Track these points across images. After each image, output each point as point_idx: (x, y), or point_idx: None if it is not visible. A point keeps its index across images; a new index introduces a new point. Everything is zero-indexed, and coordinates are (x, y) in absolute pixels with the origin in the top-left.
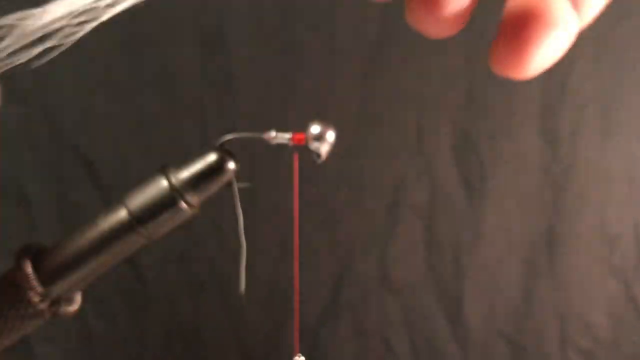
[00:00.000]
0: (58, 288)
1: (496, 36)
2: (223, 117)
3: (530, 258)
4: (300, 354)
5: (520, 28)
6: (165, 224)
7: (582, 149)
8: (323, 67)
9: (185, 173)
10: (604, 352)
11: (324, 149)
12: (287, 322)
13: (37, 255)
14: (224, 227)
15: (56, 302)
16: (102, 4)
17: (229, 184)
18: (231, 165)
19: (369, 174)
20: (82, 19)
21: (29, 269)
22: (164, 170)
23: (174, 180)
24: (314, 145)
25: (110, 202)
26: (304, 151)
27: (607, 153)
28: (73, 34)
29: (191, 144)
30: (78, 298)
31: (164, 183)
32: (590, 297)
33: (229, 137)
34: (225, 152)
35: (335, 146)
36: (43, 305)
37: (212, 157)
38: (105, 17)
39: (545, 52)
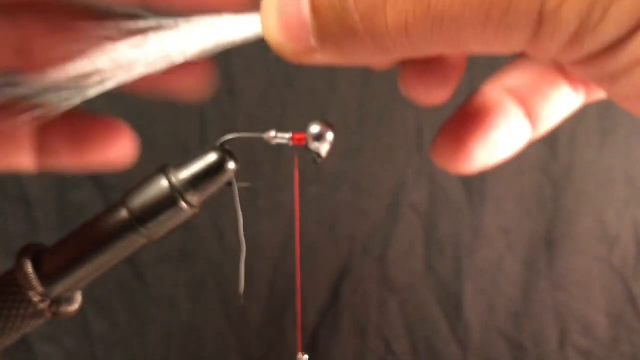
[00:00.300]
0: (58, 288)
1: (442, 128)
2: (223, 117)
3: (530, 258)
4: (303, 352)
5: (464, 127)
6: (165, 223)
7: (581, 149)
8: (323, 67)
9: (186, 173)
10: (603, 351)
11: (324, 149)
12: (287, 322)
13: (38, 255)
14: (224, 227)
15: (56, 301)
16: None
17: (229, 184)
18: (231, 165)
19: (369, 174)
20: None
21: (29, 268)
22: (164, 170)
23: (174, 180)
24: (314, 145)
25: (111, 202)
26: (304, 151)
27: (606, 153)
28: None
29: (191, 144)
30: (78, 298)
31: (164, 183)
32: (589, 297)
33: (229, 137)
34: (226, 152)
35: (335, 146)
36: (43, 305)
37: (212, 157)
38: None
39: (487, 154)
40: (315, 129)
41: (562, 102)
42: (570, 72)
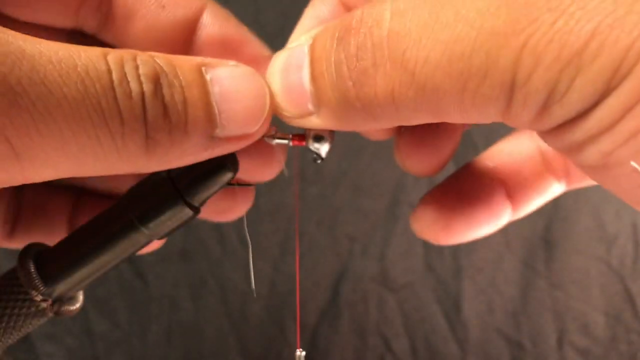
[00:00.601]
0: (60, 287)
1: (425, 199)
2: None
3: (529, 257)
4: (301, 349)
5: (447, 201)
6: (167, 223)
7: None
8: None
9: (186, 173)
10: (601, 350)
11: (324, 149)
12: (287, 322)
13: (40, 254)
14: (224, 227)
15: (58, 301)
16: None
17: (230, 184)
18: (232, 165)
19: (368, 174)
20: None
21: (31, 268)
22: (165, 170)
23: (175, 179)
24: (314, 146)
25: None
26: (304, 151)
27: None
28: None
29: None
30: (80, 297)
31: (165, 183)
32: (587, 296)
33: None
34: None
35: (335, 146)
36: (45, 304)
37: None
38: None
39: (466, 231)
40: (315, 130)
41: (544, 190)
42: (553, 162)
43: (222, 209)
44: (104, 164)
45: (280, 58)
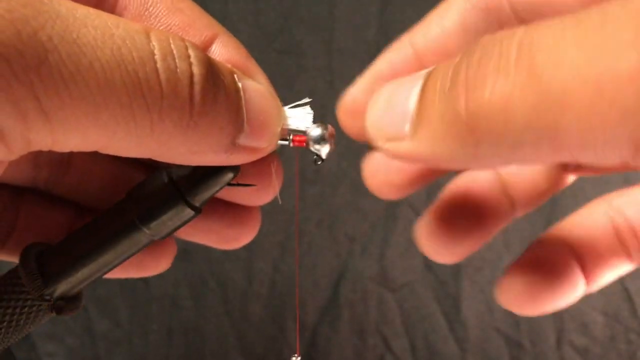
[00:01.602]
0: (61, 287)
1: (511, 270)
2: None
3: None
4: (297, 355)
5: (532, 275)
6: (168, 223)
7: None
8: (323, 67)
9: (187, 173)
10: (600, 349)
11: (325, 150)
12: (287, 321)
13: (41, 253)
14: None
15: (59, 300)
16: None
17: (231, 184)
18: (233, 165)
19: None
20: None
21: (32, 267)
22: (166, 170)
23: (176, 179)
24: (314, 147)
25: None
26: (305, 152)
27: None
28: None
29: None
30: (81, 296)
31: (166, 182)
32: (586, 295)
33: None
34: None
35: (335, 146)
36: (46, 304)
37: None
38: None
39: (549, 304)
40: (316, 131)
41: (617, 267)
42: (627, 240)
43: (228, 236)
44: (134, 138)
45: (393, 83)
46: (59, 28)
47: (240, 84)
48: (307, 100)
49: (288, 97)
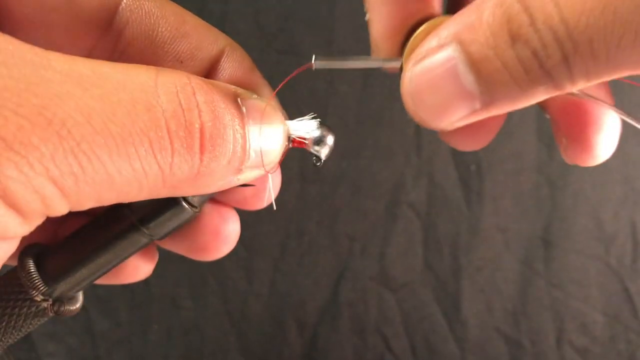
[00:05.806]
0: (61, 287)
1: (562, 136)
2: None
3: (527, 257)
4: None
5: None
6: (167, 223)
7: None
8: (323, 67)
9: None
10: (600, 349)
11: (324, 152)
12: (287, 321)
13: (40, 254)
14: None
15: (59, 300)
16: None
17: None
18: None
19: (368, 173)
20: None
21: (31, 268)
22: None
23: None
24: (314, 148)
25: None
26: (304, 152)
27: None
28: None
29: None
30: (80, 297)
31: None
32: (586, 295)
33: None
34: None
35: (335, 146)
36: (46, 304)
37: None
38: None
39: (606, 146)
40: (315, 133)
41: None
42: None
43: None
44: (146, 191)
45: (416, 77)
46: (70, 109)
47: (244, 109)
48: (312, 115)
49: (288, 97)
